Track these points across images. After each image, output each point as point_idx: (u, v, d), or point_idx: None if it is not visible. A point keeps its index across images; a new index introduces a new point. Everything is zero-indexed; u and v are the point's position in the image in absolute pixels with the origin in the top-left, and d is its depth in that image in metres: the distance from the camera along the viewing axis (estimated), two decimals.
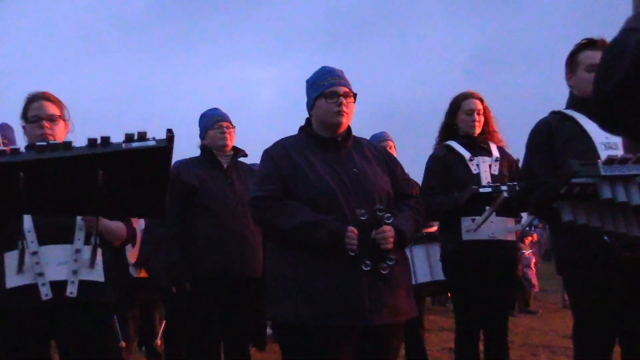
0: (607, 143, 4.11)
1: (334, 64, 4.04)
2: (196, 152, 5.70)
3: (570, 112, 4.32)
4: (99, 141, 2.80)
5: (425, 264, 5.94)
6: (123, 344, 7.07)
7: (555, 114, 4.42)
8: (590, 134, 4.13)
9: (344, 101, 3.90)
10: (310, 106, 4.02)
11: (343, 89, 3.93)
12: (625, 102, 2.05)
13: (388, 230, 3.70)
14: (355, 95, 3.99)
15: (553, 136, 4.29)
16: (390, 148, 6.45)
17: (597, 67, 2.16)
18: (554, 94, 4.44)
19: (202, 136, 5.69)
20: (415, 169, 5.69)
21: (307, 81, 4.08)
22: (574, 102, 4.38)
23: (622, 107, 2.07)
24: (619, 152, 4.00)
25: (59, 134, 3.91)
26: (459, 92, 5.70)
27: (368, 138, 5.27)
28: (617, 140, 4.10)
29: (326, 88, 3.93)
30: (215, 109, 5.73)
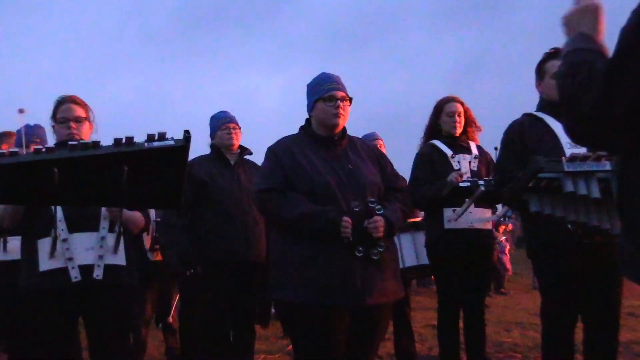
0: (571, 142, 4.16)
1: (332, 71, 4.07)
2: (207, 150, 5.71)
3: (540, 114, 4.36)
4: (123, 141, 2.84)
5: (411, 249, 5.96)
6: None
7: (527, 115, 4.46)
8: (557, 133, 4.16)
9: (341, 104, 3.92)
10: (310, 108, 4.03)
11: (340, 94, 3.94)
12: (604, 121, 2.09)
13: (379, 221, 3.73)
14: (350, 99, 4.00)
15: (524, 135, 4.32)
16: (380, 146, 6.48)
17: (561, 90, 2.21)
18: (526, 100, 4.49)
19: (212, 136, 5.70)
20: (404, 165, 5.72)
21: (308, 85, 4.09)
22: (543, 105, 4.41)
23: (603, 125, 2.12)
24: (582, 150, 4.04)
25: (85, 133, 3.94)
26: (441, 96, 5.75)
27: (360, 137, 5.31)
28: None
29: (325, 92, 3.94)
30: (223, 112, 5.73)
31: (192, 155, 5.56)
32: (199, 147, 5.76)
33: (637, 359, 6.84)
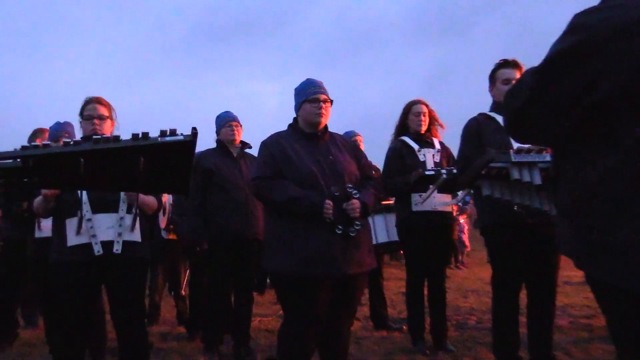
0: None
1: (321, 79, 4.08)
2: (213, 145, 5.73)
3: (492, 114, 4.41)
4: (140, 135, 2.86)
5: (384, 228, 5.99)
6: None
7: (481, 114, 4.49)
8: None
9: (323, 105, 3.94)
10: (297, 108, 4.03)
11: (323, 96, 3.95)
12: (530, 117, 2.13)
13: (355, 203, 3.76)
14: (331, 101, 4.01)
15: (480, 130, 4.36)
16: (359, 141, 6.53)
17: (506, 93, 2.25)
18: (483, 105, 4.52)
19: (217, 132, 5.70)
20: (379, 157, 5.77)
21: (295, 89, 4.08)
22: (495, 106, 4.46)
23: (529, 121, 2.16)
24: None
25: (107, 130, 3.94)
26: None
27: (343, 132, 5.35)
28: None
29: (310, 95, 3.95)
30: (227, 112, 5.73)
31: (200, 149, 5.60)
32: (209, 141, 5.77)
33: (571, 319, 6.90)
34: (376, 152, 5.89)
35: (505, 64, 4.42)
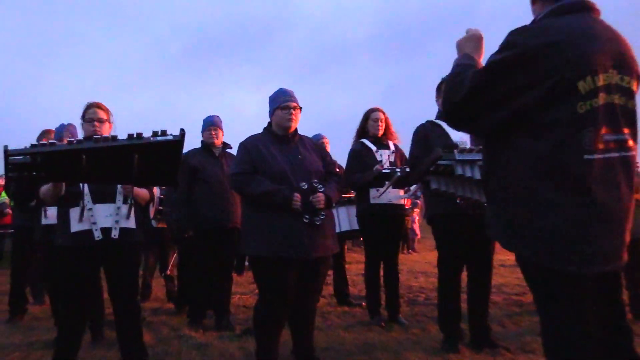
0: (460, 141, 4.22)
1: (295, 89, 4.09)
2: (199, 145, 5.73)
3: (438, 121, 4.44)
4: (135, 135, 2.88)
5: (346, 218, 6.02)
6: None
7: (428, 121, 4.52)
8: (449, 133, 4.24)
9: (293, 112, 3.96)
10: (271, 114, 4.04)
11: (293, 104, 3.97)
12: (466, 109, 2.20)
13: (320, 196, 3.79)
14: (301, 108, 4.03)
15: (428, 134, 4.40)
16: (326, 143, 6.56)
17: (445, 87, 2.31)
18: (430, 113, 4.56)
19: (202, 134, 5.73)
20: (343, 157, 5.81)
21: (270, 97, 4.09)
22: (440, 114, 4.50)
23: (465, 113, 2.22)
24: (468, 145, 4.14)
25: (105, 131, 3.91)
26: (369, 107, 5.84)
27: (312, 135, 5.39)
28: (467, 137, 4.23)
29: (282, 102, 3.97)
30: (211, 117, 5.72)
31: (187, 148, 5.61)
32: (196, 142, 5.78)
33: (505, 296, 7.01)
34: (340, 153, 5.93)
35: None
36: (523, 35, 2.10)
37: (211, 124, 5.66)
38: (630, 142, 2.13)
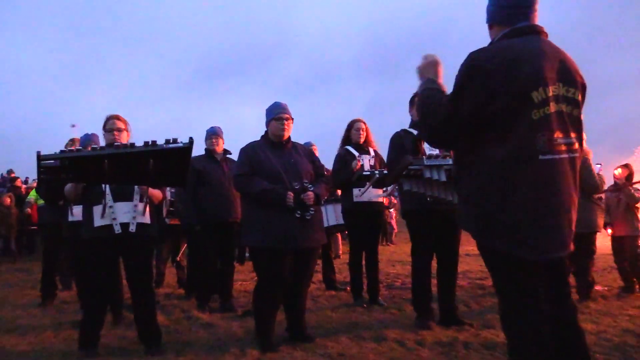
0: (430, 147, 4.28)
1: (289, 104, 4.10)
2: (203, 152, 5.74)
3: (410, 130, 4.48)
4: (150, 143, 2.89)
5: (333, 214, 6.02)
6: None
7: (403, 130, 4.55)
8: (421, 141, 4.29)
9: (286, 122, 3.99)
10: (267, 124, 4.06)
11: (286, 115, 3.99)
12: (445, 131, 2.23)
13: (310, 195, 3.82)
14: (292, 119, 4.05)
15: (402, 141, 4.43)
16: (314, 150, 6.57)
17: (420, 112, 2.33)
18: (405, 124, 4.60)
19: (205, 142, 5.73)
20: (331, 161, 5.83)
21: (266, 109, 4.11)
22: (413, 124, 4.53)
23: (444, 134, 2.25)
24: (436, 151, 4.18)
25: (124, 139, 3.90)
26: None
27: (304, 142, 5.41)
28: None
29: (276, 114, 3.99)
30: (213, 127, 5.75)
31: (196, 153, 5.61)
32: (202, 149, 5.78)
33: (469, 281, 7.07)
34: (329, 158, 5.97)
35: None
36: (480, 55, 2.14)
37: (213, 134, 5.68)
38: (577, 145, 2.19)
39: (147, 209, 3.85)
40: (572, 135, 2.17)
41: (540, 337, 2.11)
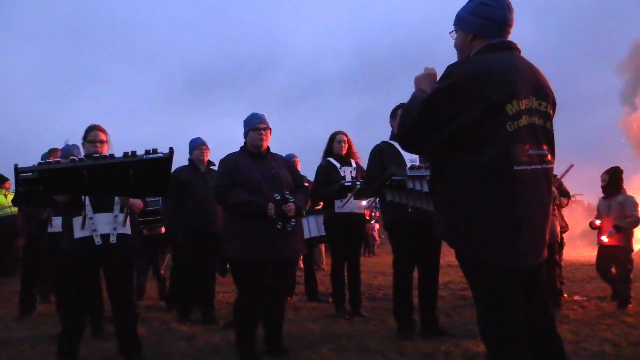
0: (410, 158, 4.33)
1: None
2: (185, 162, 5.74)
3: (391, 142, 4.52)
4: (130, 153, 2.88)
5: (315, 225, 5.99)
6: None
7: (384, 141, 4.60)
8: (401, 153, 4.32)
9: (264, 132, 4.00)
10: (245, 135, 4.08)
11: (263, 125, 4.02)
12: (416, 133, 2.26)
13: (291, 206, 3.84)
14: (270, 129, 4.07)
15: (382, 153, 4.47)
16: (297, 162, 6.57)
17: (400, 115, 2.38)
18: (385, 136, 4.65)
19: (190, 153, 5.69)
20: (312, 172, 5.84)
21: (244, 121, 4.13)
22: (393, 135, 4.57)
23: (415, 136, 2.29)
24: (417, 163, 4.21)
25: (104, 150, 3.91)
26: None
27: (286, 155, 5.42)
28: (416, 157, 4.30)
29: (254, 125, 4.02)
30: (199, 137, 5.75)
31: (179, 164, 5.61)
32: (180, 160, 5.77)
33: (450, 292, 7.11)
34: (311, 170, 5.99)
35: (402, 105, 4.53)
36: (459, 67, 2.20)
37: (201, 144, 5.68)
38: (549, 157, 2.25)
39: (128, 219, 3.83)
40: (544, 147, 2.23)
41: (519, 346, 2.14)
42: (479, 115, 2.10)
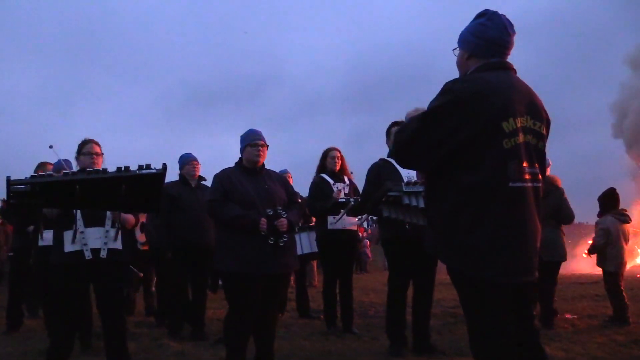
0: (408, 175, 4.35)
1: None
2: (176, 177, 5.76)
3: (388, 159, 4.51)
4: (123, 168, 2.89)
5: (308, 242, 5.97)
6: (140, 275, 6.95)
7: (381, 159, 4.62)
8: (398, 170, 4.33)
9: (261, 149, 4.00)
10: (242, 150, 4.07)
11: (261, 142, 4.02)
12: (411, 149, 2.29)
13: (284, 221, 3.83)
14: (267, 146, 4.07)
15: (380, 171, 4.48)
16: (289, 177, 6.57)
17: (395, 134, 2.42)
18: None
19: (180, 168, 5.69)
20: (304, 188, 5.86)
21: (241, 136, 4.13)
22: (390, 154, 4.58)
23: (410, 153, 2.31)
24: (414, 178, 4.24)
25: (99, 164, 3.92)
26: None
27: (279, 170, 5.44)
28: (413, 173, 4.33)
29: (251, 140, 4.01)
30: (189, 153, 5.75)
31: (169, 179, 5.59)
32: (171, 175, 5.77)
33: (443, 309, 7.09)
34: (303, 186, 6.01)
35: (396, 124, 4.57)
36: (456, 85, 2.23)
37: (193, 159, 5.69)
38: (540, 176, 2.28)
39: (119, 234, 3.82)
40: (537, 165, 2.26)
41: None
42: (475, 132, 2.13)
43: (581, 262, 14.17)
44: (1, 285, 10.81)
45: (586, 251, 6.16)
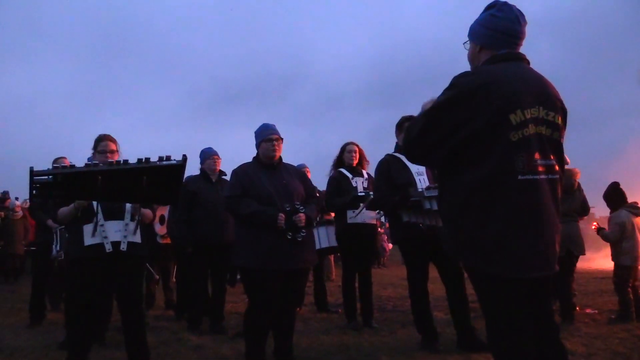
0: (418, 171, 4.35)
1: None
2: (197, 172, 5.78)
3: (397, 155, 4.53)
4: (143, 160, 2.90)
5: (326, 236, 5.97)
6: (157, 277, 7.04)
7: (389, 155, 4.62)
8: (407, 165, 4.35)
9: (276, 143, 4.01)
10: (257, 146, 4.08)
11: (276, 136, 4.02)
12: (421, 144, 2.27)
13: (302, 216, 3.84)
14: (282, 139, 4.06)
15: (389, 166, 4.48)
16: (307, 172, 6.58)
17: (406, 129, 2.39)
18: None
19: (201, 163, 5.73)
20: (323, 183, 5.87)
21: (255, 132, 4.14)
22: (399, 149, 4.59)
23: (420, 147, 2.29)
24: (424, 176, 4.24)
25: (115, 159, 3.93)
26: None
27: (296, 165, 5.44)
28: (423, 169, 4.32)
29: (266, 135, 4.02)
30: (210, 148, 5.78)
31: (188, 174, 5.62)
32: (192, 169, 5.81)
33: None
34: (320, 178, 6.01)
35: (409, 118, 4.54)
36: (464, 78, 2.20)
37: (214, 153, 5.72)
38: (557, 167, 2.23)
39: (139, 228, 3.85)
40: (552, 157, 2.20)
41: (526, 357, 2.12)
42: (482, 126, 2.09)
43: (594, 256, 13.92)
44: (22, 279, 11.01)
45: (595, 224, 6.12)
